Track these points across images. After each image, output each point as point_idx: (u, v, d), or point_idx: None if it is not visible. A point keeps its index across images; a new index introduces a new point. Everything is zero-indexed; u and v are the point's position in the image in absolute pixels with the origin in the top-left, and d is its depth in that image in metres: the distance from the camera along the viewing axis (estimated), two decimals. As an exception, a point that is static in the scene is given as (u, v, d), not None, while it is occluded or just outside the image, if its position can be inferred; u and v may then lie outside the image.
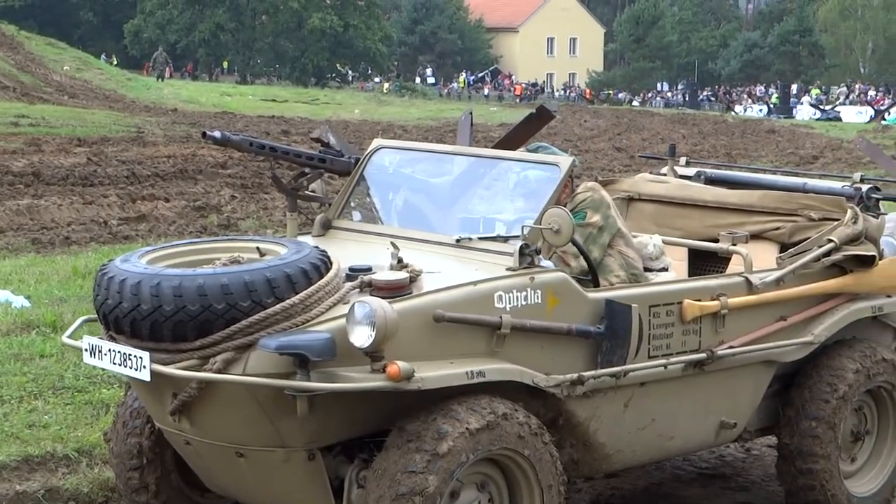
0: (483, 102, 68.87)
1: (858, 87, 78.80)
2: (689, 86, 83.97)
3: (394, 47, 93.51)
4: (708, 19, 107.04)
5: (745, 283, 5.97)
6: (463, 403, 4.94)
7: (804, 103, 68.68)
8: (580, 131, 36.97)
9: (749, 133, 39.10)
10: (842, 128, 45.48)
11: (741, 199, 6.93)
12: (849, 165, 27.94)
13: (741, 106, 72.94)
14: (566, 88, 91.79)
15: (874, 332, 6.64)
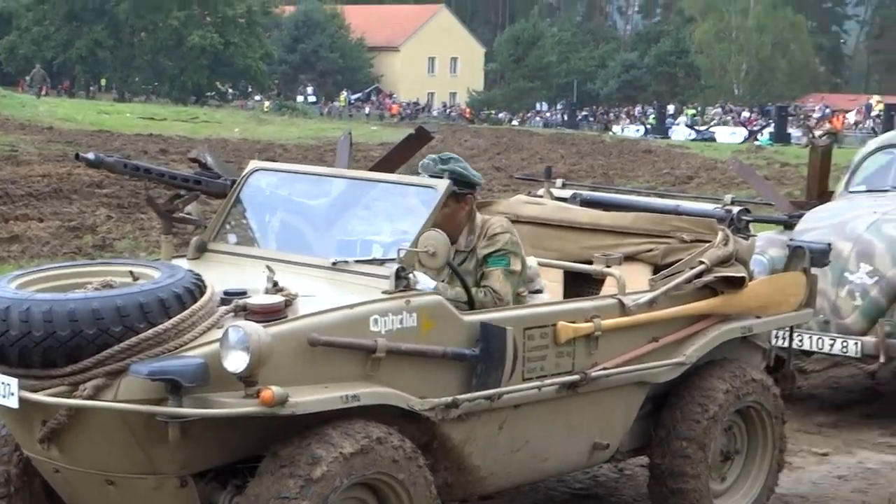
0: (364, 121, 68.84)
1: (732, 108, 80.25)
2: (568, 106, 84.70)
3: (274, 65, 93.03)
4: (587, 40, 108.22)
5: (619, 304, 6.02)
6: (337, 428, 4.92)
7: (680, 123, 69.74)
8: (460, 151, 37.06)
9: (626, 153, 39.56)
10: (716, 148, 46.23)
11: (615, 221, 6.99)
12: (723, 185, 28.41)
13: (619, 126, 73.84)
14: (445, 108, 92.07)
15: (744, 352, 6.73)
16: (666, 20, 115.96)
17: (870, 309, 8.27)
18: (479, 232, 6.02)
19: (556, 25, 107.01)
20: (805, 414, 8.66)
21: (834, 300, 8.36)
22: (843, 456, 7.67)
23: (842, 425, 8.44)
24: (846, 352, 8.26)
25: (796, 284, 6.77)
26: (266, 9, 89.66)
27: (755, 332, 6.67)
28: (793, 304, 6.78)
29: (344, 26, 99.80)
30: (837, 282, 8.40)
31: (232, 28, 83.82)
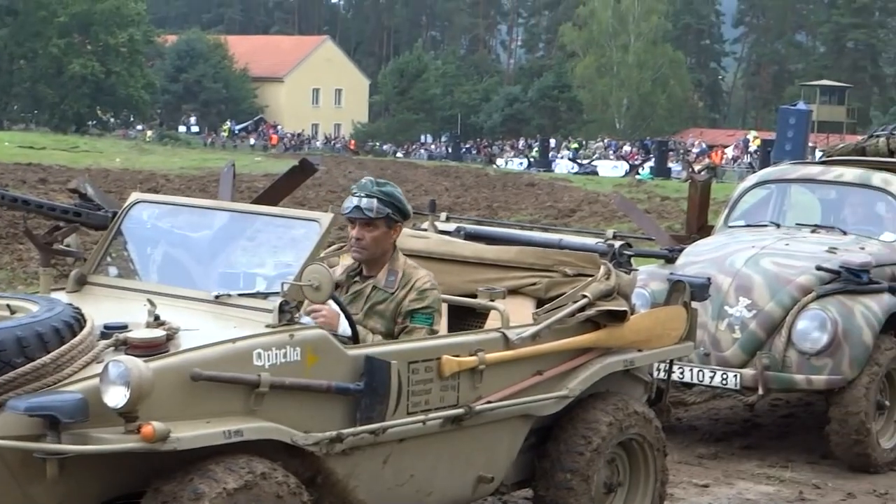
0: (248, 152, 68.42)
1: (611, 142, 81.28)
2: (453, 138, 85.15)
3: (157, 95, 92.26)
4: (471, 73, 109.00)
5: (503, 338, 6.03)
6: (221, 463, 4.87)
7: (563, 157, 70.44)
8: (345, 182, 37.00)
9: (510, 186, 39.83)
10: (598, 182, 46.75)
11: (499, 254, 7.00)
12: (605, 219, 28.72)
13: (502, 159, 74.35)
14: (329, 140, 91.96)
15: (626, 385, 6.78)
16: (548, 55, 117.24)
17: (748, 342, 8.35)
18: (403, 278, 6.03)
19: (441, 58, 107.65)
20: (686, 446, 8.75)
21: (714, 333, 8.44)
22: (722, 487, 7.76)
23: (721, 457, 8.54)
24: (726, 384, 8.35)
25: (677, 318, 6.82)
26: (148, 38, 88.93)
27: (637, 366, 6.72)
28: (673, 338, 6.82)
29: (227, 56, 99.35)
30: (717, 315, 8.48)
31: (114, 57, 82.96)
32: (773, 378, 8.26)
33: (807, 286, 8.45)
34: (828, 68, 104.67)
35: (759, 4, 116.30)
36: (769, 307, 8.40)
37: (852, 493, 7.72)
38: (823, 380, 8.19)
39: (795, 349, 8.25)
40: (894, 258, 9.02)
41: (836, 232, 9.44)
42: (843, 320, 8.23)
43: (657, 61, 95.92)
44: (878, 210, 9.65)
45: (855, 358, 8.19)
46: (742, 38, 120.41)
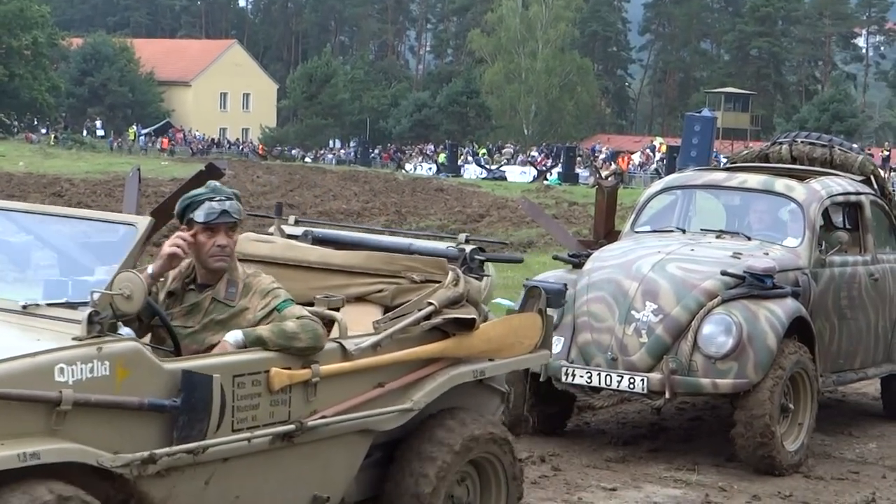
0: (155, 156, 67.83)
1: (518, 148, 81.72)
2: (361, 143, 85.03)
3: (61, 98, 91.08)
4: (379, 79, 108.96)
5: (340, 349, 5.63)
6: (17, 489, 4.49)
7: (471, 162, 70.63)
8: (252, 187, 36.87)
9: (419, 191, 39.90)
10: (507, 187, 46.99)
11: (346, 260, 6.58)
12: (513, 224, 28.88)
13: (411, 164, 74.39)
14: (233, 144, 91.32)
15: (481, 397, 6.49)
16: (457, 61, 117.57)
17: (655, 346, 8.37)
18: (245, 289, 5.60)
19: (349, 63, 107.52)
20: (594, 449, 8.80)
21: (621, 338, 8.45)
22: (630, 490, 7.80)
23: (629, 460, 8.59)
24: (633, 388, 8.33)
25: (531, 326, 6.50)
26: (53, 40, 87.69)
27: (489, 376, 6.36)
28: (527, 346, 6.49)
29: (133, 60, 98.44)
30: (624, 320, 8.48)
31: (17, 59, 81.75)
32: (680, 382, 8.27)
33: (712, 291, 8.50)
34: (732, 76, 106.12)
35: (664, 13, 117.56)
36: (675, 312, 8.43)
37: (757, 496, 7.80)
38: (729, 383, 8.23)
39: (701, 353, 8.29)
40: (797, 263, 9.08)
41: (740, 237, 9.49)
42: (748, 325, 8.30)
43: (565, 68, 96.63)
44: (781, 216, 9.70)
45: (759, 362, 8.24)
46: (648, 46, 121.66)
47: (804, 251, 9.19)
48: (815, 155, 10.67)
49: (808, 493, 7.97)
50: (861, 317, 9.73)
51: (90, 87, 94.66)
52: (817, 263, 9.23)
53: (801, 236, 9.28)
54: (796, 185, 9.63)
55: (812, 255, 9.19)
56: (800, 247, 9.21)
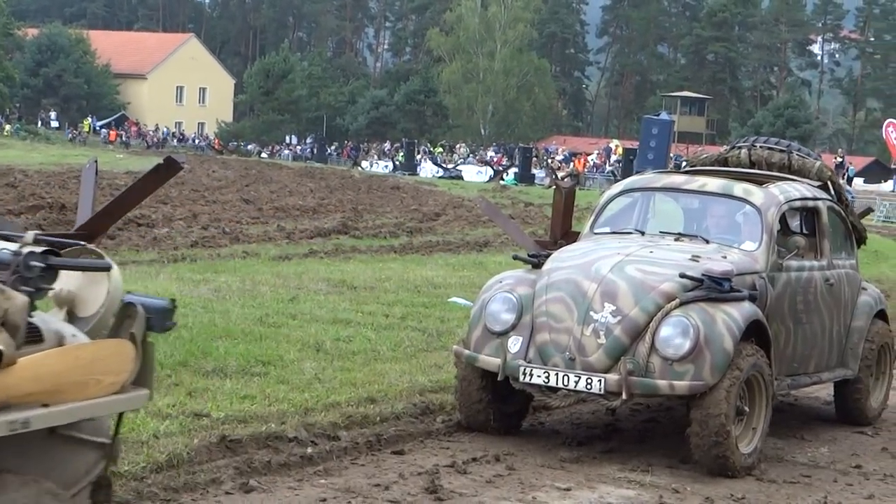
0: (110, 149, 67.38)
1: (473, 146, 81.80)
2: (318, 140, 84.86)
3: (16, 89, 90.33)
4: (337, 76, 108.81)
5: None
6: None
7: (428, 161, 70.64)
8: (208, 181, 36.71)
9: (375, 188, 39.85)
10: (463, 186, 47.00)
11: None
12: (469, 223, 28.87)
13: (367, 162, 74.30)
14: (186, 138, 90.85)
15: (57, 455, 4.60)
16: (415, 59, 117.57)
17: (613, 347, 8.36)
18: None
19: (307, 60, 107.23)
20: (548, 449, 8.80)
21: (579, 338, 8.43)
22: (584, 491, 7.80)
23: (583, 460, 8.59)
24: (590, 389, 8.31)
25: (115, 357, 4.66)
26: (7, 30, 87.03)
27: (37, 427, 4.38)
28: (111, 385, 4.63)
29: (89, 51, 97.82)
30: (583, 320, 8.46)
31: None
32: (637, 383, 8.25)
33: (670, 293, 8.52)
34: (688, 80, 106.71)
35: (622, 16, 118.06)
36: (634, 313, 8.44)
37: (710, 498, 7.82)
38: (685, 385, 8.23)
39: (659, 355, 8.29)
40: (754, 267, 9.09)
41: (698, 240, 9.46)
42: (705, 327, 8.30)
43: (522, 69, 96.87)
44: (739, 220, 9.69)
45: (716, 364, 8.24)
46: (606, 49, 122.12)
47: (761, 255, 9.20)
48: (773, 160, 10.72)
49: (761, 496, 7.99)
50: (816, 321, 9.77)
51: (45, 77, 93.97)
52: (774, 267, 9.26)
53: (758, 240, 9.30)
54: (755, 189, 9.65)
55: (769, 260, 9.22)
56: (757, 251, 9.23)
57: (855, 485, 8.44)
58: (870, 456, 9.35)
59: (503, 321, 8.81)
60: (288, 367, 9.83)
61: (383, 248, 22.02)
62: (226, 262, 17.81)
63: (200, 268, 16.50)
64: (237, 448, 7.68)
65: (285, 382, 9.28)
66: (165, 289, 13.53)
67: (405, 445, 8.48)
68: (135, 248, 19.32)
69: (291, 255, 19.63)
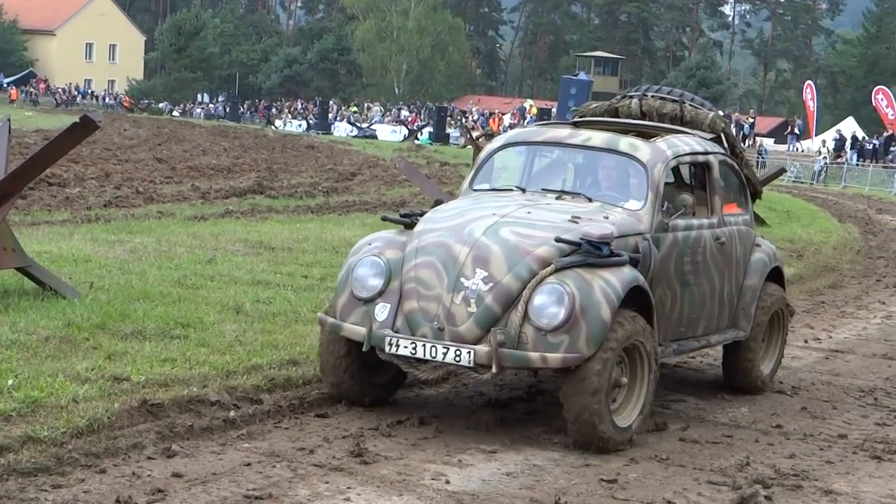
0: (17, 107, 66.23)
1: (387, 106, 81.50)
2: (230, 98, 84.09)
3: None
4: (249, 33, 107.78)
5: None
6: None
7: (342, 120, 70.30)
8: (119, 140, 36.24)
9: (289, 148, 39.60)
10: (378, 146, 46.87)
11: None
12: (385, 182, 28.80)
13: (281, 120, 73.78)
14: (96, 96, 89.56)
15: None
16: (329, 17, 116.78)
17: (484, 317, 7.82)
18: None
19: (219, 17, 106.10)
20: (472, 412, 8.78)
21: (449, 307, 7.90)
22: (509, 453, 7.78)
23: (508, 422, 8.59)
24: (459, 361, 7.79)
25: None
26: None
27: None
28: None
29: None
30: (453, 287, 7.93)
31: None
32: (508, 355, 7.72)
33: (546, 258, 8.00)
34: (602, 40, 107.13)
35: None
36: (506, 280, 7.91)
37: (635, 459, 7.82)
38: (559, 357, 7.71)
39: (532, 325, 7.78)
40: (637, 228, 8.58)
41: (581, 199, 8.92)
42: (581, 295, 7.79)
43: (437, 27, 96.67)
44: (624, 176, 9.11)
45: (592, 335, 7.75)
46: (520, 8, 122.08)
47: (646, 215, 8.71)
48: (664, 110, 10.28)
49: (684, 456, 8.02)
50: (705, 282, 9.33)
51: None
52: (660, 228, 8.76)
53: (643, 199, 8.81)
54: (641, 144, 9.14)
55: (654, 220, 8.72)
56: (642, 210, 8.74)
57: (776, 444, 8.52)
58: (789, 416, 9.44)
59: (370, 287, 8.24)
60: (208, 329, 9.71)
61: (300, 209, 21.87)
62: (140, 222, 17.57)
63: (115, 228, 16.26)
64: (159, 412, 7.58)
65: (206, 345, 9.16)
66: (80, 249, 13.32)
67: (329, 409, 8.41)
68: (46, 207, 19.01)
69: (207, 215, 19.41)
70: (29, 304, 9.94)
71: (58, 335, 8.95)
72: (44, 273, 10.64)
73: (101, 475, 6.62)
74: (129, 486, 6.53)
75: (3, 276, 10.50)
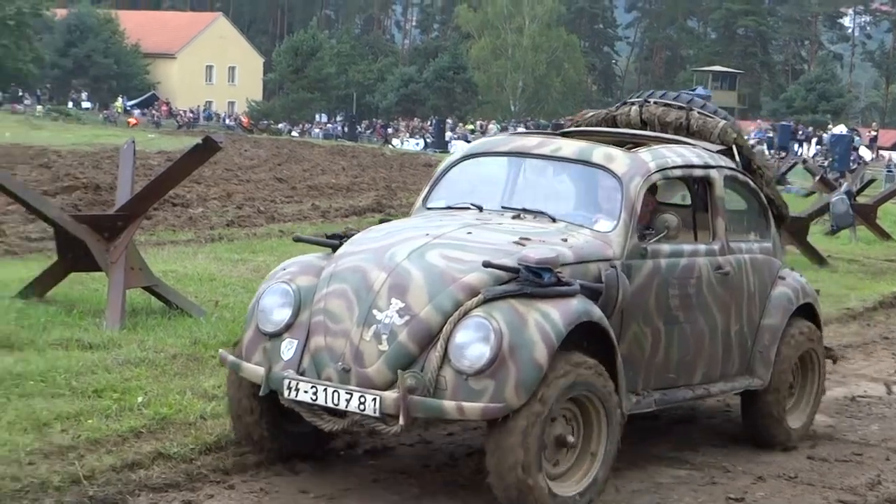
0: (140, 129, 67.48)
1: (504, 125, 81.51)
2: (348, 118, 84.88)
3: (46, 69, 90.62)
4: (365, 53, 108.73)
5: None
6: None
7: (459, 138, 70.53)
8: (240, 161, 36.67)
9: (407, 166, 39.77)
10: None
11: None
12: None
13: (398, 139, 74.25)
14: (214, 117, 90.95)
15: None
16: (443, 36, 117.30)
17: (396, 356, 6.47)
18: None
19: (335, 37, 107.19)
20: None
21: (357, 344, 6.57)
22: (633, 471, 7.75)
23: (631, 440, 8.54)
24: (363, 409, 6.42)
25: None
26: (37, 11, 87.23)
27: None
28: None
29: (118, 31, 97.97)
30: (363, 321, 6.60)
31: (1, 30, 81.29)
32: (418, 404, 6.33)
33: (476, 287, 6.61)
34: (719, 54, 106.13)
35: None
36: (425, 312, 6.53)
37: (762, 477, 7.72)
38: (478, 408, 6.30)
39: (452, 367, 6.39)
40: (603, 253, 7.18)
41: (544, 218, 7.54)
42: (511, 332, 6.39)
43: (552, 44, 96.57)
44: (595, 192, 7.76)
45: (523, 381, 6.32)
46: (635, 23, 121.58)
47: (617, 238, 7.29)
48: (668, 119, 8.95)
49: (813, 474, 7.91)
50: (701, 320, 7.86)
51: (75, 58, 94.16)
52: (634, 254, 7.34)
53: (615, 219, 7.40)
54: (618, 154, 7.74)
55: (627, 243, 7.30)
56: (612, 232, 7.33)
57: (908, 463, 8.35)
58: (921, 433, 9.25)
59: (275, 321, 6.93)
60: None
61: (418, 226, 21.90)
62: (262, 241, 17.79)
63: (237, 247, 16.49)
64: (285, 429, 7.63)
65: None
66: (204, 268, 13.54)
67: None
68: (171, 227, 19.33)
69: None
70: (156, 323, 10.14)
71: (185, 353, 9.12)
72: (170, 292, 10.84)
73: (229, 491, 6.72)
74: (258, 501, 6.62)
75: (131, 295, 10.69)
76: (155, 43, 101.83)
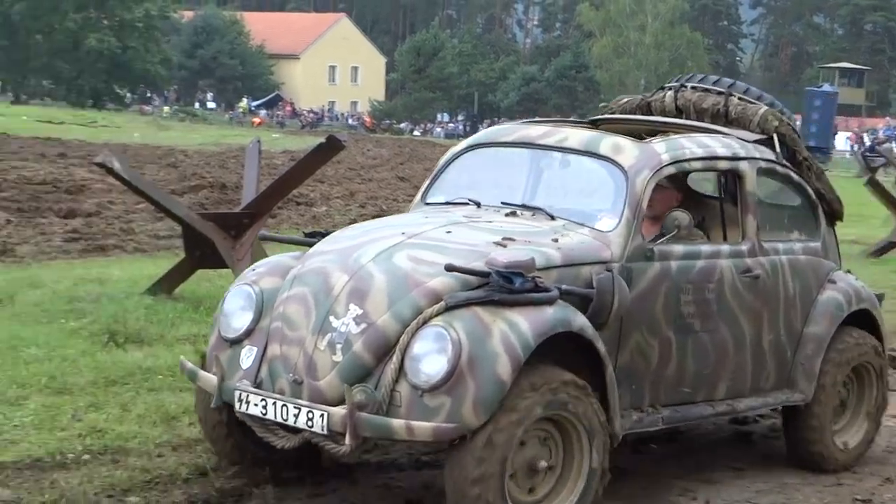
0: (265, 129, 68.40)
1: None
2: (469, 117, 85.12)
3: (173, 71, 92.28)
4: (487, 52, 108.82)
5: None
6: None
7: (580, 137, 70.36)
8: (363, 160, 37.02)
9: (528, 165, 39.69)
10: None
11: None
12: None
13: (519, 138, 74.19)
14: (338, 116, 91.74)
15: None
16: (565, 34, 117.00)
17: (350, 368, 5.88)
18: None
19: (457, 37, 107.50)
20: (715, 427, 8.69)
21: (311, 354, 6.00)
22: (758, 471, 7.71)
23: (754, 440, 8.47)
24: (312, 426, 5.84)
25: None
26: (164, 13, 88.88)
27: None
28: None
29: (244, 33, 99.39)
30: (319, 328, 6.03)
31: (130, 32, 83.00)
32: (366, 422, 5.71)
33: (440, 293, 5.97)
34: (846, 51, 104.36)
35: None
36: (383, 320, 5.93)
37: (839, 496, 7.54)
38: (429, 428, 5.64)
39: (408, 381, 5.78)
40: (599, 255, 6.50)
41: (541, 216, 6.89)
42: (472, 343, 5.74)
43: (675, 42, 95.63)
44: (598, 186, 7.05)
45: (482, 399, 5.67)
46: (760, 20, 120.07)
47: (617, 238, 6.59)
48: (704, 105, 8.19)
49: None
50: (724, 328, 7.11)
51: (201, 59, 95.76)
52: (637, 255, 6.64)
53: (618, 216, 6.70)
54: (627, 144, 7.04)
55: (629, 244, 6.59)
56: (612, 231, 6.63)
57: None
58: None
59: (235, 327, 6.42)
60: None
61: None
62: (385, 239, 17.89)
63: (360, 245, 16.59)
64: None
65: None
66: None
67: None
68: (295, 226, 19.58)
69: (449, 232, 19.64)
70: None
71: (309, 349, 9.22)
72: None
73: (353, 486, 6.80)
74: (382, 497, 6.69)
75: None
76: (279, 44, 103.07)
